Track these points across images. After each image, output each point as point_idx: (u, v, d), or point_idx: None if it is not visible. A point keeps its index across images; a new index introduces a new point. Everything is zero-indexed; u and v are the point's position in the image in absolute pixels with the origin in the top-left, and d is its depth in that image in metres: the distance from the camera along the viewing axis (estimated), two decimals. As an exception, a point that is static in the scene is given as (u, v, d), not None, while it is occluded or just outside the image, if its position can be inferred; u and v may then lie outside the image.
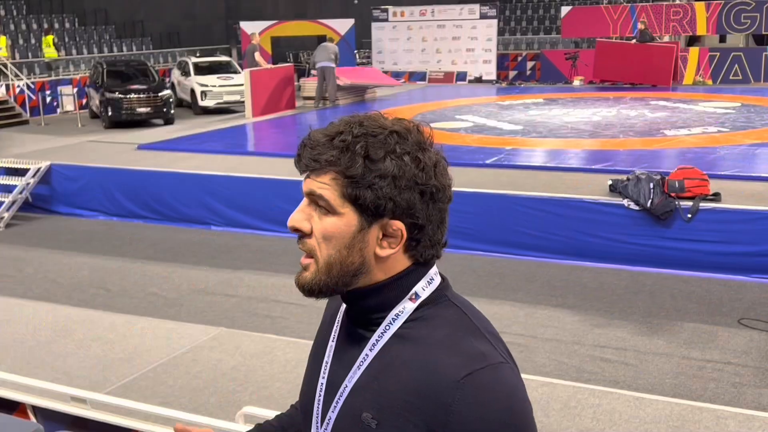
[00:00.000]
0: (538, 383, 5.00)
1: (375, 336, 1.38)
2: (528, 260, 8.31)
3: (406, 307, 1.38)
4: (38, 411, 3.62)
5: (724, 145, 10.84)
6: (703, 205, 7.71)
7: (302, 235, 1.37)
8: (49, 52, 24.00)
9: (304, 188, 1.36)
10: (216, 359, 5.53)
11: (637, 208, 7.85)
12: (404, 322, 1.37)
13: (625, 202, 7.93)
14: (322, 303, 1.55)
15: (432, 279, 1.41)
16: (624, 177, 8.25)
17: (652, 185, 7.79)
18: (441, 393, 1.27)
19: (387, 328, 1.38)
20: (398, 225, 1.33)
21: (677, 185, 7.84)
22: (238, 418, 3.45)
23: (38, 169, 11.02)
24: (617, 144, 11.35)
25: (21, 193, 10.86)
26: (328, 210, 1.34)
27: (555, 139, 12.04)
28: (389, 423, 1.31)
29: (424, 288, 1.39)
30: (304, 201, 1.37)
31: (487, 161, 10.18)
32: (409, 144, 1.36)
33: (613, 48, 20.05)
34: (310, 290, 1.38)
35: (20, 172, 11.10)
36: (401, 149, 1.34)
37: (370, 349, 1.38)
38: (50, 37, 24.16)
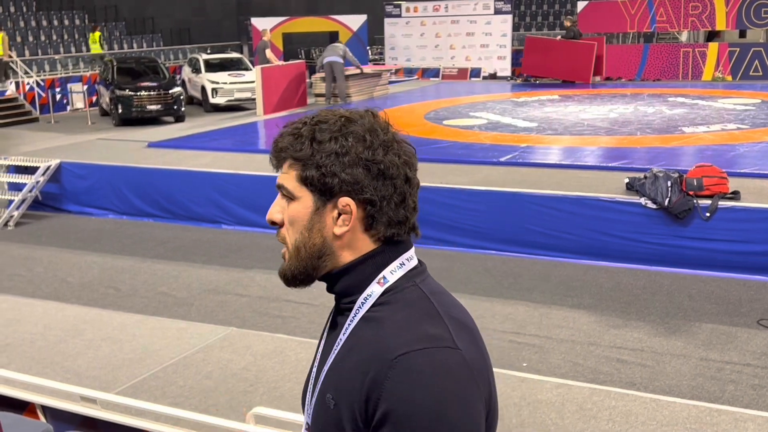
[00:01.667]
0: (554, 385, 4.95)
1: (348, 320, 1.45)
2: (543, 260, 8.22)
3: (374, 291, 1.43)
4: (48, 411, 3.61)
5: (744, 143, 10.70)
6: (722, 203, 7.60)
7: (278, 226, 1.49)
8: (95, 48, 24.55)
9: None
10: (226, 359, 5.49)
11: (654, 206, 7.75)
12: (372, 306, 1.42)
13: (643, 200, 7.83)
14: (333, 303, 1.55)
15: (403, 264, 1.46)
16: (641, 175, 8.14)
17: (669, 183, 7.68)
18: (378, 370, 1.32)
19: (357, 311, 1.44)
20: (346, 201, 1.41)
21: (695, 183, 7.73)
22: (248, 419, 3.42)
23: (48, 167, 11.00)
24: (634, 141, 11.23)
25: (31, 191, 10.85)
26: (290, 197, 1.45)
27: (571, 136, 11.94)
28: (343, 401, 1.37)
29: (392, 272, 1.44)
30: (278, 195, 1.49)
31: (502, 159, 10.08)
32: (358, 126, 1.43)
33: (540, 44, 20.51)
34: (285, 277, 1.50)
35: (30, 171, 11.09)
36: (347, 130, 1.42)
37: (344, 333, 1.44)
38: (97, 34, 24.75)
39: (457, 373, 1.33)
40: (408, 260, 1.47)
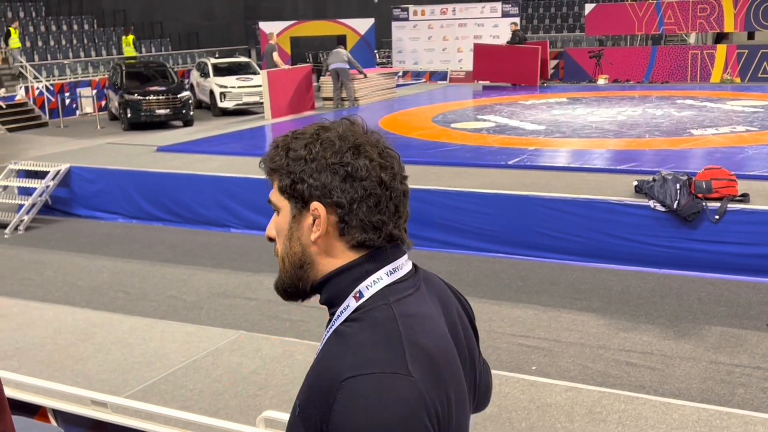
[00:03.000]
0: (563, 388, 4.92)
1: (327, 330, 1.46)
2: (551, 263, 8.21)
3: (349, 305, 1.43)
4: (59, 414, 3.62)
5: (753, 145, 10.67)
6: (731, 206, 7.57)
7: (275, 242, 1.53)
8: (129, 50, 24.92)
9: None
10: (236, 363, 5.49)
11: (663, 209, 7.73)
12: (345, 320, 1.42)
13: (651, 203, 7.81)
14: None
15: (380, 278, 1.44)
16: (650, 177, 8.12)
17: (678, 186, 7.66)
18: (328, 391, 1.32)
19: (333, 323, 1.44)
20: (315, 205, 1.42)
21: (704, 186, 7.70)
22: (258, 422, 3.43)
23: (58, 172, 11.04)
24: (643, 144, 11.21)
25: (41, 195, 10.89)
26: (277, 210, 1.50)
27: (579, 139, 11.93)
28: (303, 411, 1.38)
29: (368, 287, 1.43)
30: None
31: (510, 162, 10.07)
32: (331, 132, 1.45)
33: (488, 50, 21.01)
34: (278, 290, 1.53)
35: (40, 175, 11.12)
36: (318, 138, 1.44)
37: (322, 343, 1.46)
38: (131, 37, 25.14)
39: (404, 401, 1.29)
40: (389, 274, 1.45)
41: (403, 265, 1.48)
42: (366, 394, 1.28)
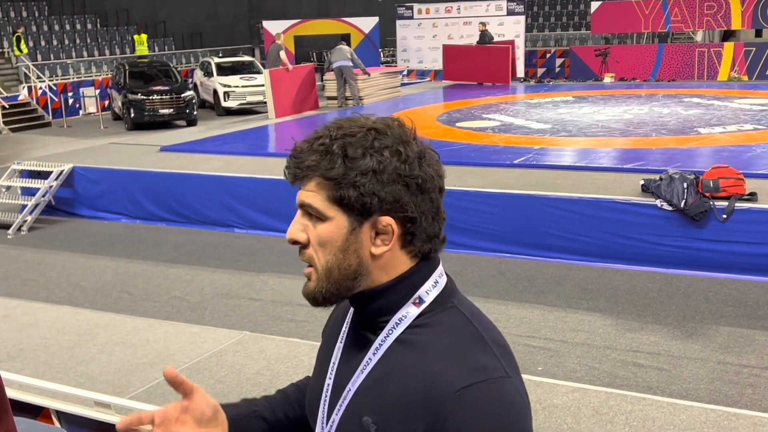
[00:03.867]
0: (569, 389, 4.90)
1: (378, 340, 1.39)
2: (558, 263, 8.17)
3: (409, 312, 1.38)
4: (62, 416, 3.60)
5: (761, 144, 10.62)
6: (739, 205, 7.53)
7: (301, 246, 1.39)
8: (142, 49, 25.17)
9: (297, 200, 1.38)
10: (240, 364, 5.47)
11: (670, 208, 7.69)
12: (408, 327, 1.37)
13: (658, 202, 7.77)
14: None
15: (437, 282, 1.41)
16: (657, 177, 8.08)
17: (685, 185, 7.62)
18: (438, 403, 1.28)
19: (390, 332, 1.38)
20: (388, 221, 1.34)
21: (712, 185, 7.66)
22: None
23: (61, 172, 11.03)
24: (650, 143, 11.16)
25: (44, 196, 10.88)
26: (319, 217, 1.35)
27: (585, 138, 11.89)
28: (388, 428, 1.32)
29: (428, 291, 1.39)
30: (299, 212, 1.39)
31: (515, 161, 10.03)
32: (389, 138, 1.36)
33: (458, 51, 21.08)
34: (314, 299, 1.40)
35: (43, 175, 11.12)
36: (380, 144, 1.34)
37: (374, 353, 1.38)
38: (144, 36, 25.37)
39: (517, 402, 1.31)
40: (440, 277, 1.41)
41: (443, 268, 1.46)
42: (484, 403, 1.27)
